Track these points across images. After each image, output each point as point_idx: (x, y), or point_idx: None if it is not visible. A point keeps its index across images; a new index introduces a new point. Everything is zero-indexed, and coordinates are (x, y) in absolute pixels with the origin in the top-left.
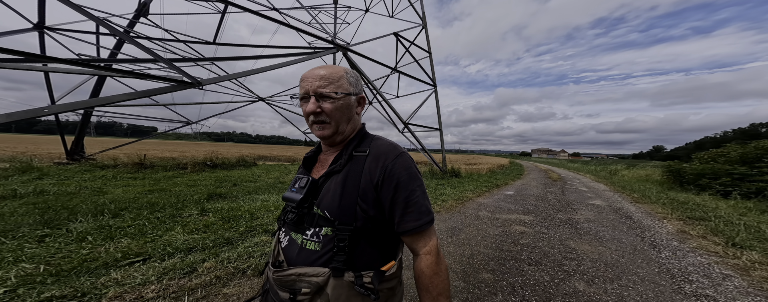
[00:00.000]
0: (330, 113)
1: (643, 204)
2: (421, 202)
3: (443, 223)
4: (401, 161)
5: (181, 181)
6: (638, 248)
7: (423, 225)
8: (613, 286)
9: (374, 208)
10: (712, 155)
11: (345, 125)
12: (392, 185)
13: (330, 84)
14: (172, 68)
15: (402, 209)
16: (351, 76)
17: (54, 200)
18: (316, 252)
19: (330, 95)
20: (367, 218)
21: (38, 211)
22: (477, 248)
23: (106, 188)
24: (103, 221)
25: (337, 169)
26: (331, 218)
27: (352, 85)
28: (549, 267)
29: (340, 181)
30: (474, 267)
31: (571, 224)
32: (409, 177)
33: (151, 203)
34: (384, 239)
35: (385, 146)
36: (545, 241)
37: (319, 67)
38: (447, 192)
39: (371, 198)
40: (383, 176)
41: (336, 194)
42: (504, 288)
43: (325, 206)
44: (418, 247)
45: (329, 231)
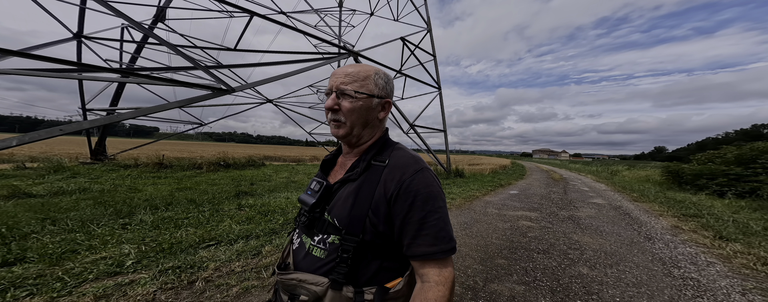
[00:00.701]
0: (346, 113)
1: (641, 203)
2: (440, 226)
3: (455, 218)
4: (421, 177)
5: (201, 180)
6: (635, 240)
7: (439, 252)
8: (612, 270)
9: (385, 224)
10: (709, 156)
11: (360, 128)
12: (407, 202)
13: (354, 82)
14: (209, 75)
15: (415, 230)
16: (381, 78)
17: (104, 196)
18: (320, 260)
19: (349, 93)
20: (376, 232)
21: (100, 205)
22: (489, 239)
23: (137, 186)
24: (161, 214)
25: (352, 177)
26: (340, 227)
27: (379, 87)
28: (555, 255)
29: (353, 190)
30: (489, 255)
31: (574, 220)
32: (429, 196)
33: (190, 200)
34: (393, 254)
35: (406, 158)
36: (551, 234)
37: (351, 64)
38: (454, 191)
39: (383, 213)
40: (399, 191)
41: (347, 203)
42: (517, 271)
43: (335, 214)
44: (430, 275)
45: (336, 240)
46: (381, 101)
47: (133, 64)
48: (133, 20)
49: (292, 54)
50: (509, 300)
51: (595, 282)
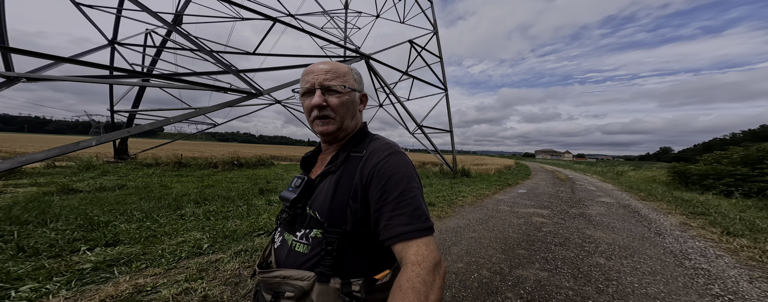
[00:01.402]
0: (335, 108)
1: (649, 202)
2: (415, 204)
3: (471, 214)
4: (395, 159)
5: (220, 179)
6: (646, 235)
7: (415, 231)
8: (628, 261)
9: (363, 209)
10: (716, 156)
11: (349, 121)
12: (381, 182)
13: (336, 78)
14: (241, 79)
15: (390, 211)
16: (355, 73)
17: (144, 192)
18: (304, 255)
19: (337, 88)
20: (356, 221)
21: (146, 200)
22: (507, 233)
23: (166, 183)
24: (206, 208)
25: (332, 169)
26: (321, 220)
27: (357, 82)
28: (572, 247)
29: (333, 181)
30: (509, 245)
31: (585, 217)
32: (403, 176)
33: (223, 196)
34: (379, 244)
35: (382, 144)
36: (564, 229)
37: (323, 62)
38: (464, 190)
39: (360, 197)
40: (373, 173)
41: (328, 195)
42: (539, 260)
43: (316, 207)
44: (408, 255)
45: (319, 233)
46: (360, 94)
47: (153, 67)
48: (178, 29)
49: (306, 57)
50: (536, 283)
51: (612, 271)
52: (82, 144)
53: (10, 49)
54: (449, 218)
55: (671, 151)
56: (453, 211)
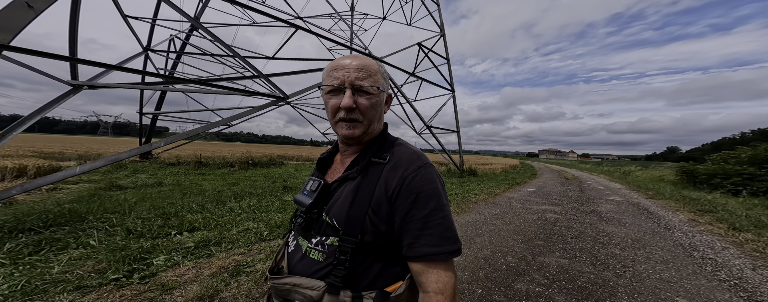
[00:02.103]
0: (364, 111)
1: (657, 200)
2: (446, 225)
3: (486, 210)
4: (424, 174)
5: (241, 177)
6: (656, 230)
7: (442, 253)
8: (641, 252)
9: (386, 223)
10: (724, 156)
11: (376, 124)
12: (409, 199)
13: (369, 77)
14: (269, 84)
15: (417, 229)
16: (384, 71)
17: (183, 188)
18: (317, 263)
19: (368, 89)
20: (376, 233)
21: (188, 195)
22: (523, 226)
23: (195, 181)
24: (247, 203)
25: (352, 175)
26: (338, 228)
27: (386, 81)
28: (587, 239)
29: (352, 188)
30: (528, 237)
31: (596, 214)
32: (432, 193)
33: (251, 193)
34: (395, 257)
35: (409, 154)
36: (578, 224)
37: (350, 56)
38: (474, 188)
39: (384, 212)
40: (400, 188)
41: (346, 202)
42: (557, 249)
43: (334, 214)
44: (429, 281)
45: (335, 241)
46: (386, 94)
47: (174, 70)
48: (214, 36)
49: (317, 61)
50: (559, 268)
51: (627, 259)
52: (154, 145)
53: (77, 60)
54: (466, 214)
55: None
56: (468, 207)
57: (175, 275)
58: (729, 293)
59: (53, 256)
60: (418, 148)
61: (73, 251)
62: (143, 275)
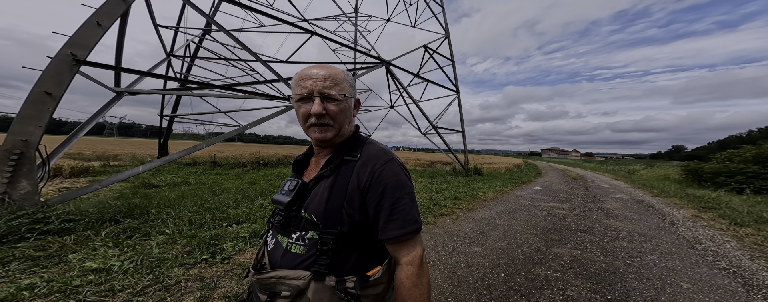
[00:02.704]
0: (334, 116)
1: (662, 198)
2: (407, 210)
3: (496, 206)
4: (390, 167)
5: (257, 176)
6: (660, 225)
7: (407, 234)
8: (647, 244)
9: (360, 213)
10: (728, 155)
11: (347, 126)
12: (379, 191)
13: (335, 85)
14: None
15: (386, 216)
16: (350, 78)
17: (210, 187)
18: (300, 255)
19: (336, 96)
20: (353, 223)
21: (217, 193)
22: (534, 221)
23: (216, 180)
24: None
25: (326, 174)
26: (317, 222)
27: (352, 87)
28: (596, 233)
29: (328, 185)
30: (540, 231)
31: (603, 210)
32: (398, 184)
33: (273, 191)
34: (371, 244)
35: (377, 151)
36: (586, 220)
37: (316, 66)
38: (482, 187)
39: (358, 203)
40: (370, 181)
41: (323, 198)
42: (569, 242)
43: (312, 210)
44: (401, 256)
45: (315, 235)
46: (354, 99)
47: (188, 74)
48: (240, 42)
49: (339, 64)
50: (572, 257)
51: (635, 251)
52: (198, 147)
53: (121, 69)
54: (478, 210)
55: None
56: (479, 204)
57: (245, 258)
58: (728, 279)
59: (145, 241)
60: (386, 145)
61: (157, 237)
62: (223, 256)
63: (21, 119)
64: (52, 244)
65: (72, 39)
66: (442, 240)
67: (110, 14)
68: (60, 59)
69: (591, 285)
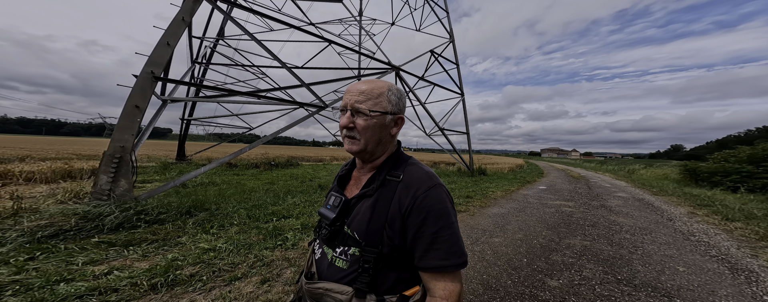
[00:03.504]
0: (361, 130)
1: (661, 196)
2: (453, 241)
3: (507, 204)
4: (434, 194)
5: (271, 177)
6: (659, 220)
7: (450, 266)
8: (647, 236)
9: (399, 237)
10: (724, 155)
11: (374, 145)
12: (420, 217)
13: (368, 100)
14: (312, 93)
15: (427, 244)
16: (393, 94)
17: (235, 187)
18: (342, 270)
19: (364, 111)
20: (392, 246)
21: (246, 192)
22: (544, 217)
23: (238, 180)
24: (302, 198)
25: (369, 193)
26: (359, 240)
27: (392, 104)
28: (601, 227)
29: (370, 205)
30: (551, 225)
31: (606, 208)
32: (441, 211)
33: (295, 191)
34: (409, 266)
35: (420, 174)
36: (591, 216)
37: (364, 81)
38: (489, 186)
39: (398, 227)
40: (412, 206)
41: (365, 217)
42: (579, 234)
43: (354, 227)
44: (436, 288)
45: (356, 252)
46: (394, 117)
47: (203, 78)
48: (267, 49)
49: (345, 70)
50: (583, 247)
51: (637, 241)
52: (244, 150)
53: (168, 80)
54: (490, 208)
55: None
56: (490, 202)
57: (306, 245)
58: (717, 264)
59: (223, 230)
60: (429, 168)
61: (231, 227)
62: (291, 243)
63: (119, 129)
64: (160, 231)
65: (150, 59)
66: (464, 232)
67: (176, 34)
68: (143, 77)
69: (602, 268)
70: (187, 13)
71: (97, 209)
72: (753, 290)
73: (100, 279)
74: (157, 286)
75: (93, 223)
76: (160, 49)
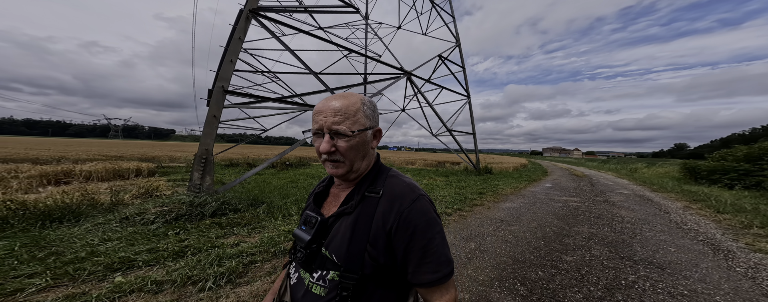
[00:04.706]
0: (344, 153)
1: (660, 193)
2: (440, 251)
3: (517, 200)
4: (418, 206)
5: (289, 176)
6: (657, 213)
7: (442, 278)
8: (646, 226)
9: (385, 255)
10: (722, 154)
11: (360, 162)
12: (408, 233)
13: (346, 120)
14: None
15: (418, 259)
16: (368, 107)
17: (261, 185)
18: (320, 298)
19: (345, 132)
20: (376, 266)
21: (273, 191)
22: (554, 210)
23: (262, 179)
24: None
25: (347, 211)
26: (338, 263)
27: (369, 118)
28: (605, 218)
29: (349, 224)
30: (560, 217)
31: (609, 203)
32: (428, 224)
33: None
34: (396, 283)
35: (401, 187)
36: (596, 209)
37: (334, 97)
38: (498, 184)
39: (382, 245)
40: (398, 223)
41: (345, 238)
42: (585, 223)
43: (333, 249)
44: (433, 299)
45: (336, 276)
46: (373, 130)
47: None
48: (298, 57)
49: (357, 75)
50: (590, 233)
51: (637, 229)
52: (287, 150)
53: (229, 92)
54: (503, 202)
55: (687, 147)
56: (501, 198)
57: None
58: (702, 246)
59: (289, 217)
60: (410, 179)
61: (292, 215)
62: None
63: (204, 135)
64: (243, 217)
65: (220, 75)
66: (485, 221)
67: (235, 52)
68: (217, 91)
69: (607, 249)
70: (241, 33)
71: (198, 200)
72: (728, 264)
73: (235, 247)
74: (276, 253)
75: (197, 210)
76: (226, 66)
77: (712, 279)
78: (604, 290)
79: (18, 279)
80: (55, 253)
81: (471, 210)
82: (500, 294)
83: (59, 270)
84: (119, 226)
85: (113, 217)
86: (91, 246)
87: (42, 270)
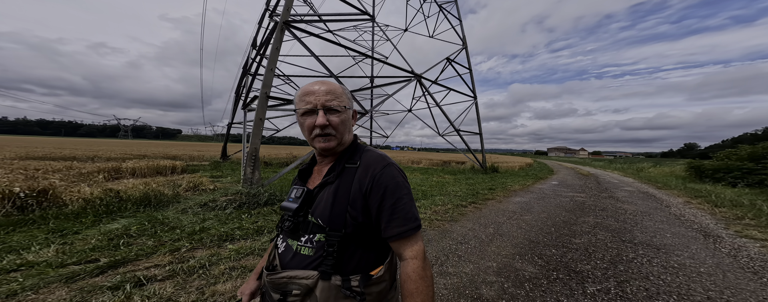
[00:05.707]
0: (336, 126)
1: (664, 190)
2: (407, 209)
3: (526, 195)
4: (389, 171)
5: None
6: (658, 207)
7: (408, 231)
8: (647, 217)
9: (363, 215)
10: (727, 153)
11: (348, 136)
12: (380, 193)
13: (335, 98)
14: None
15: (389, 215)
16: (346, 92)
17: (288, 180)
18: (309, 257)
19: (337, 108)
20: (356, 224)
21: None
22: (561, 204)
23: (285, 178)
24: None
25: (330, 180)
26: (323, 226)
27: (350, 100)
28: (610, 211)
29: (332, 191)
30: (568, 209)
31: (614, 198)
32: (396, 185)
33: None
34: (374, 244)
35: (375, 157)
36: (601, 203)
37: (317, 82)
38: (506, 181)
39: (360, 205)
40: (371, 185)
41: (328, 203)
42: (591, 214)
43: (318, 214)
44: (404, 252)
45: (322, 237)
46: (352, 110)
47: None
48: (321, 62)
49: (367, 78)
50: (595, 222)
51: (638, 220)
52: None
53: (273, 97)
54: (513, 197)
55: (697, 147)
56: (511, 194)
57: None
58: (695, 232)
59: None
60: (382, 152)
61: None
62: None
63: (253, 135)
64: None
65: (264, 83)
66: (500, 213)
67: (274, 60)
68: (262, 97)
69: (611, 235)
70: (278, 43)
71: (253, 191)
72: (716, 246)
73: None
74: None
75: (254, 199)
76: (268, 74)
77: (700, 257)
78: (609, 263)
79: (169, 243)
80: (175, 227)
81: (484, 203)
82: (522, 264)
83: (189, 239)
84: (201, 211)
85: (194, 203)
86: (197, 224)
87: (179, 237)
